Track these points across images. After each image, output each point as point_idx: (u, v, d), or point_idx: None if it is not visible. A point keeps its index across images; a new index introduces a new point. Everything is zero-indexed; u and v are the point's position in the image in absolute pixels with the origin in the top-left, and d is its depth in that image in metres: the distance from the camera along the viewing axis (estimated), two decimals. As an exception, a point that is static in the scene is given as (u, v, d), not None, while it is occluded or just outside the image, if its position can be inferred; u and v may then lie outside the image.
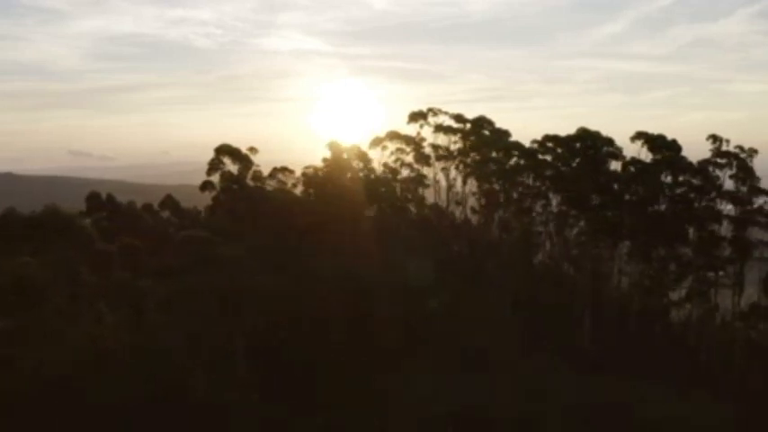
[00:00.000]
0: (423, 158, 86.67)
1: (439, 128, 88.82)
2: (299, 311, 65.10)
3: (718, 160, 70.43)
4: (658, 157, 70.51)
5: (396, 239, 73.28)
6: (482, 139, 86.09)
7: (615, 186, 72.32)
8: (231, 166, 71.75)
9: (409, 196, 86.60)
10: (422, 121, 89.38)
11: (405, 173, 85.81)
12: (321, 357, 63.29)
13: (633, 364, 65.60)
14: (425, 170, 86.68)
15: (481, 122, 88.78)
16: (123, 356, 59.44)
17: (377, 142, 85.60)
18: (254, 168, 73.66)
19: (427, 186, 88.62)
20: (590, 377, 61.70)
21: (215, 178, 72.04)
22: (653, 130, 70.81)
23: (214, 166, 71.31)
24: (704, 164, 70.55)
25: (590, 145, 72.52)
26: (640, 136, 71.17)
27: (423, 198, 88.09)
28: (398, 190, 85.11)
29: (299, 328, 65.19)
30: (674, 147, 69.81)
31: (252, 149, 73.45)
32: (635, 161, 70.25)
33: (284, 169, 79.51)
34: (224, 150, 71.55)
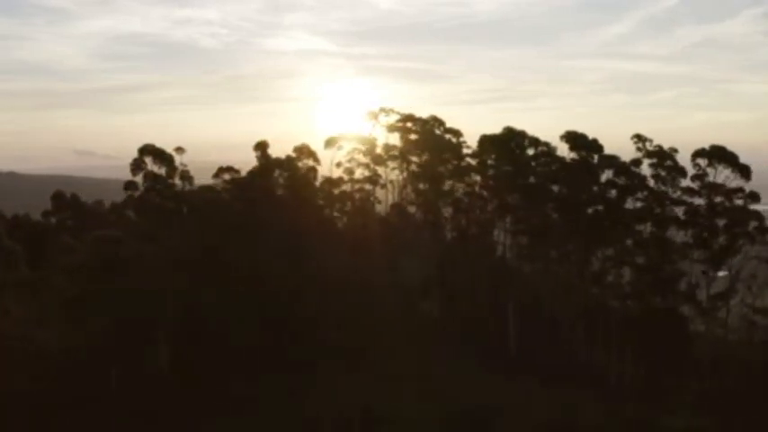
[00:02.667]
0: (377, 158, 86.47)
1: (391, 127, 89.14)
2: (208, 311, 65.45)
3: (650, 160, 69.51)
4: (586, 156, 69.57)
5: (329, 239, 73.32)
6: (435, 139, 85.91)
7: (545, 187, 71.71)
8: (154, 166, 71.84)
9: (357, 196, 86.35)
10: (374, 121, 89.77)
11: (359, 173, 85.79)
12: (232, 358, 63.62)
13: (550, 366, 65.63)
14: (381, 170, 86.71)
15: (433, 122, 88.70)
16: (28, 351, 60.35)
17: (332, 142, 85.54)
18: (181, 168, 73.64)
19: (383, 186, 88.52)
20: (497, 378, 61.43)
21: (139, 178, 72.18)
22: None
23: (137, 166, 71.50)
24: (632, 164, 69.61)
25: (517, 145, 71.85)
26: (567, 136, 70.40)
27: (368, 198, 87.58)
28: (350, 189, 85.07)
29: (212, 328, 65.55)
30: (594, 146, 68.88)
31: (179, 149, 73.58)
32: (556, 160, 69.46)
33: (230, 169, 79.52)
34: (147, 151, 71.78)
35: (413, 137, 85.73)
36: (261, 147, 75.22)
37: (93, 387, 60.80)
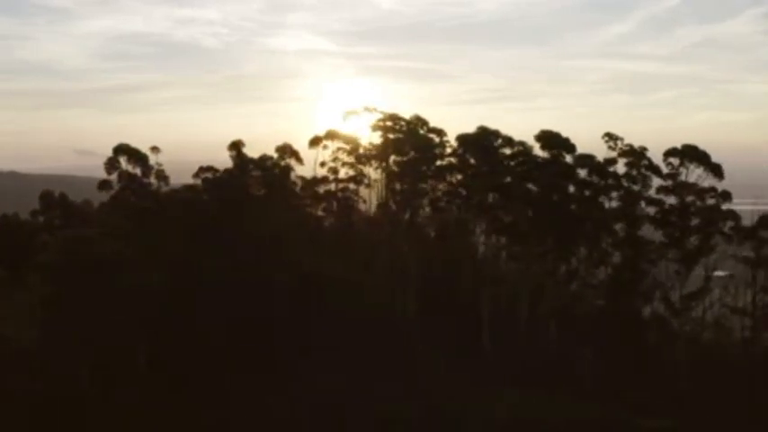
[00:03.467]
0: (361, 158, 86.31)
1: (374, 126, 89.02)
2: (183, 311, 65.56)
3: (625, 159, 69.22)
4: (558, 155, 69.34)
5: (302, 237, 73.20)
6: (416, 138, 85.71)
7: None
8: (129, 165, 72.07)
9: (341, 195, 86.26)
10: (355, 120, 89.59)
11: (343, 172, 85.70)
12: (209, 358, 63.72)
13: (524, 365, 65.43)
14: (367, 169, 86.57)
15: (416, 121, 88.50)
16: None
17: (316, 141, 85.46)
18: (156, 168, 73.87)
19: (368, 186, 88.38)
20: (467, 377, 61.34)
21: (114, 177, 72.41)
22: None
23: (111, 165, 71.71)
24: (608, 163, 69.35)
25: (489, 144, 71.64)
26: (540, 135, 70.20)
27: (350, 197, 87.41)
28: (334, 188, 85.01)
29: (184, 327, 65.65)
30: (567, 145, 68.62)
31: (154, 149, 73.81)
32: (529, 159, 69.26)
33: (210, 168, 79.74)
34: (122, 150, 71.99)
35: (393, 135, 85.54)
36: (235, 146, 75.29)
37: (68, 387, 61.09)
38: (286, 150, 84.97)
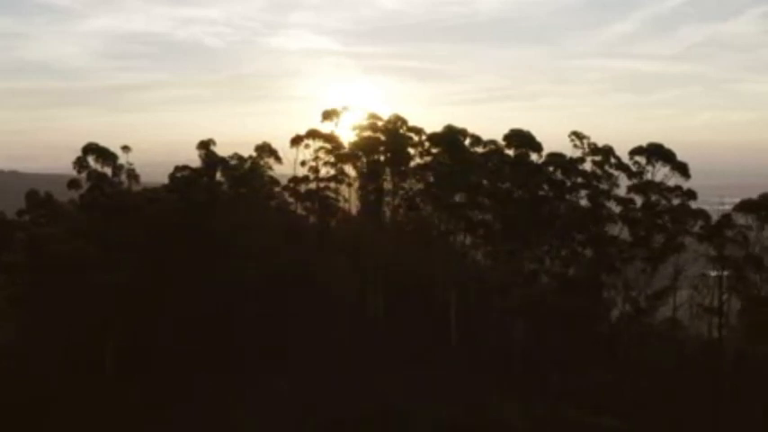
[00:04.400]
0: (342, 157, 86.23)
1: (353, 126, 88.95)
2: (147, 310, 65.74)
3: (595, 158, 68.78)
4: (526, 153, 69.03)
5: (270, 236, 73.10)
6: (392, 137, 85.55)
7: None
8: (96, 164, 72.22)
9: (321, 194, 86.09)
10: (336, 119, 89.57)
11: (324, 171, 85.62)
12: (169, 358, 63.82)
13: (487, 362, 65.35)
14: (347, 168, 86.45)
15: (395, 121, 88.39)
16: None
17: (297, 141, 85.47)
18: (127, 167, 74.04)
19: (349, 185, 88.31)
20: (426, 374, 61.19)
21: (83, 177, 72.57)
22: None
23: (79, 164, 71.90)
24: (577, 161, 68.95)
25: (455, 142, 71.47)
26: (508, 135, 69.94)
27: (327, 196, 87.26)
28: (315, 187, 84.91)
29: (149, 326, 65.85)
30: (534, 144, 68.30)
31: (125, 148, 73.97)
32: (498, 158, 69.01)
33: (185, 167, 79.93)
34: (90, 149, 72.16)
35: (368, 135, 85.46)
36: (204, 145, 75.32)
37: (35, 388, 61.31)
38: (265, 149, 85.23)
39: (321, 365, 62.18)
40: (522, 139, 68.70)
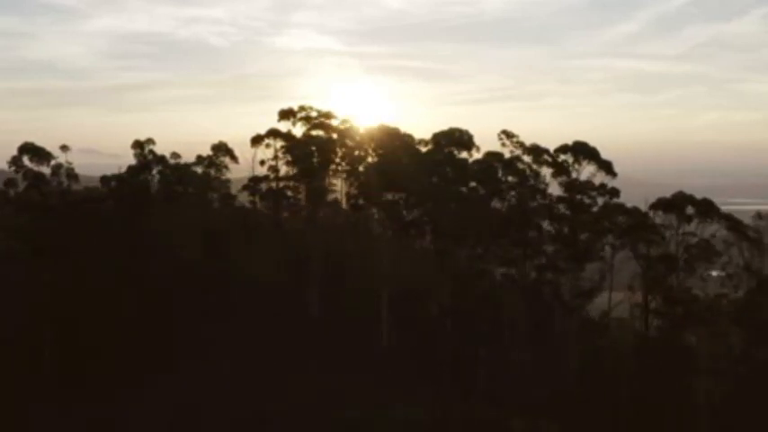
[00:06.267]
0: (297, 157, 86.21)
1: (312, 126, 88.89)
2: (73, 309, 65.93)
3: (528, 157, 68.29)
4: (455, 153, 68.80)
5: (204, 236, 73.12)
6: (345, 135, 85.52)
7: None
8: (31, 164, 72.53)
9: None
10: (293, 119, 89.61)
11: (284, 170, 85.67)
12: (98, 357, 64.00)
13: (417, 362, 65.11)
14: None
15: (350, 119, 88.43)
16: None
17: (258, 140, 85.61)
18: (66, 167, 74.31)
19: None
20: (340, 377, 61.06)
21: (20, 176, 72.90)
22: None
23: (15, 163, 72.24)
24: (512, 161, 68.54)
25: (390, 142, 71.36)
26: (437, 134, 69.82)
27: (279, 195, 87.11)
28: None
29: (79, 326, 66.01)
30: (463, 143, 68.04)
31: (63, 147, 74.26)
32: (429, 158, 68.84)
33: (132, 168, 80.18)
34: (26, 149, 72.48)
35: (317, 134, 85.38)
36: (138, 145, 75.47)
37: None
38: (221, 149, 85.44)
39: (242, 365, 62.13)
40: (450, 139, 68.35)
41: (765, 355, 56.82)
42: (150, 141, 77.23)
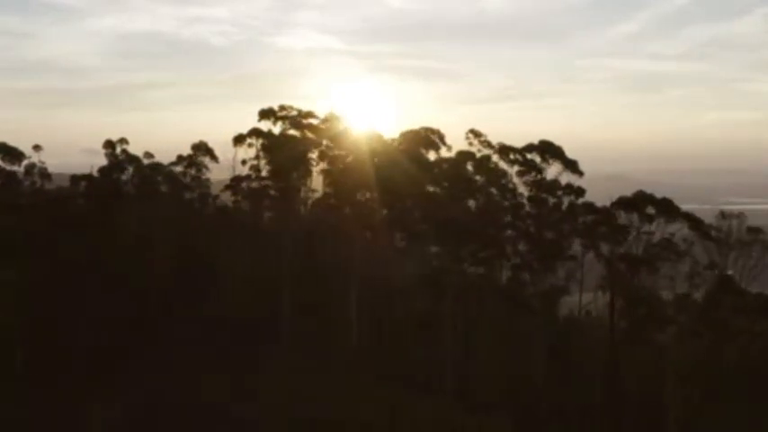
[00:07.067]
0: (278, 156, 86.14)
1: (291, 125, 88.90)
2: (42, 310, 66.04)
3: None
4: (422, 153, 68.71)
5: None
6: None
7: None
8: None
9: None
10: (273, 118, 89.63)
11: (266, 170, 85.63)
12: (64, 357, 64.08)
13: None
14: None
15: (331, 119, 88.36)
16: None
17: (240, 140, 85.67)
18: (39, 166, 74.72)
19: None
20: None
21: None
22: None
23: (-14, 163, 72.76)
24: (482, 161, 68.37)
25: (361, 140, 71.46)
26: (403, 133, 69.84)
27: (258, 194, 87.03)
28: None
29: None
30: (428, 142, 67.91)
31: (36, 147, 74.71)
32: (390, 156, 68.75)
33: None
34: (-2, 148, 73.02)
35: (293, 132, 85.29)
36: (110, 145, 75.66)
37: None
38: (201, 149, 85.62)
39: (203, 365, 62.12)
40: (419, 138, 68.27)
41: (727, 354, 56.46)
42: (124, 141, 77.57)
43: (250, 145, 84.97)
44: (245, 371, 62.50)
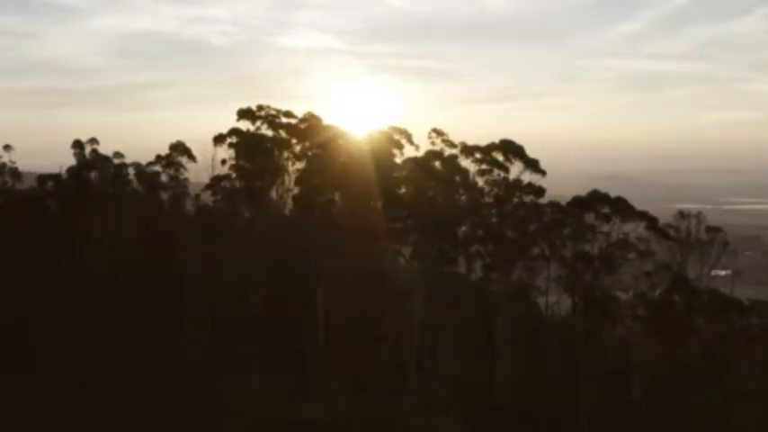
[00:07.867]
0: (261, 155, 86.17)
1: (269, 125, 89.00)
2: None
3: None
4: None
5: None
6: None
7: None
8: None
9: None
10: (251, 118, 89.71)
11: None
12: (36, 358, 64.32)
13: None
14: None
15: (309, 118, 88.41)
16: None
17: (220, 139, 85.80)
18: (10, 166, 74.98)
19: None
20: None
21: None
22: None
23: (-42, 163, 73.04)
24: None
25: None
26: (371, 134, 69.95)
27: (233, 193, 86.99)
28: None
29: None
30: (399, 143, 68.04)
31: (6, 147, 74.97)
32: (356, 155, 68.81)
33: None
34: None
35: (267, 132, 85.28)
36: (78, 145, 75.86)
37: None
38: (178, 148, 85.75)
39: (158, 364, 62.07)
40: (387, 137, 68.29)
41: (680, 353, 56.31)
42: (94, 141, 77.72)
43: (230, 145, 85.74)
44: (210, 371, 62.64)
